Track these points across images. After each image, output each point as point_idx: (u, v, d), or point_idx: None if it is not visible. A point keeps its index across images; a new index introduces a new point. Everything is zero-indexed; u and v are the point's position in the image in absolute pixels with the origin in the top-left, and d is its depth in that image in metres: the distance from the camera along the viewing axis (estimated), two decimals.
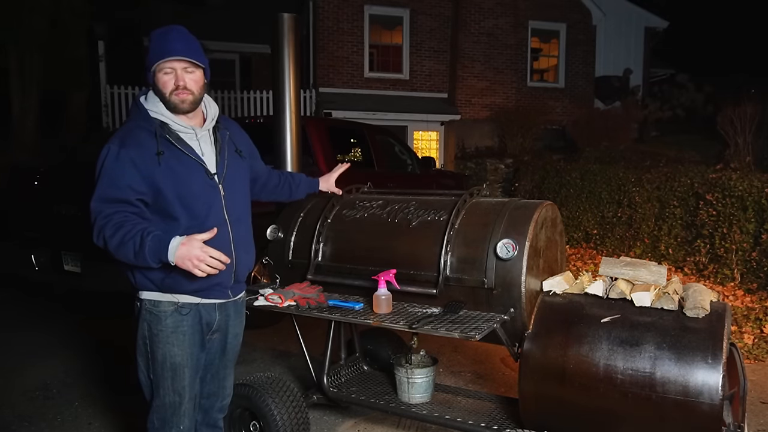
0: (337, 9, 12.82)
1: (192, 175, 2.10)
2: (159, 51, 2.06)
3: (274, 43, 3.70)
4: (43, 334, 4.95)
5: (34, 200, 5.50)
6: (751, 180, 6.17)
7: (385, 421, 3.36)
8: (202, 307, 2.19)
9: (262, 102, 12.68)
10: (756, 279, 5.93)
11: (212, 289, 2.18)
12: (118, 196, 2.00)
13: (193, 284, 2.10)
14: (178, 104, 2.09)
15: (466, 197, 2.76)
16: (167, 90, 2.08)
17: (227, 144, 2.26)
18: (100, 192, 2.02)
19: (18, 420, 3.44)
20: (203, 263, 1.91)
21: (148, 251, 1.91)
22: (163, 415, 2.18)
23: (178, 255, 1.90)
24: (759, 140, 9.79)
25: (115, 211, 1.99)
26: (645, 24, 15.62)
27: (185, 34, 2.12)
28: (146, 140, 2.06)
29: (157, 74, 2.08)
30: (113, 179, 2.01)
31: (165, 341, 2.13)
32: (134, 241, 1.92)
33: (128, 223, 1.97)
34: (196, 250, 1.90)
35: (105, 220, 1.98)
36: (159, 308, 2.13)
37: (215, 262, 1.93)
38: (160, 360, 2.14)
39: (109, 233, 1.96)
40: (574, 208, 8.44)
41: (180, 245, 1.91)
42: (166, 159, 2.05)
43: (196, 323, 2.19)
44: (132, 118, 2.15)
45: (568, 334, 2.42)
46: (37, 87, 10.62)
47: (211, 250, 1.93)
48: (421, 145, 13.07)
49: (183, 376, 2.17)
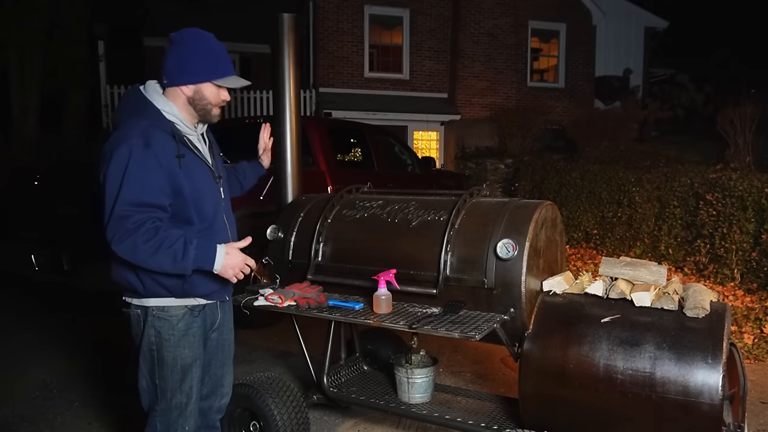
0: (337, 9, 12.81)
1: (203, 177, 2.12)
2: (223, 65, 2.10)
3: (274, 43, 3.70)
4: (43, 334, 4.96)
5: (34, 200, 5.51)
6: (751, 180, 6.17)
7: (385, 421, 3.36)
8: (207, 307, 2.22)
9: (262, 102, 12.68)
10: (756, 279, 5.93)
11: (218, 291, 2.21)
12: (148, 200, 1.92)
13: (208, 287, 2.14)
14: (215, 118, 2.15)
15: (466, 197, 2.76)
16: (215, 102, 2.11)
17: (215, 146, 2.30)
18: (129, 195, 1.90)
19: (18, 420, 3.44)
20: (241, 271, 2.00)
21: (194, 260, 1.92)
22: (169, 417, 2.17)
23: (225, 264, 1.97)
24: (759, 140, 9.78)
25: (147, 218, 1.91)
26: (645, 24, 15.62)
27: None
28: (166, 141, 2.01)
29: (209, 84, 2.08)
30: (144, 181, 1.91)
31: (176, 344, 2.12)
32: (174, 249, 1.89)
33: (162, 230, 1.92)
34: (238, 259, 1.99)
35: (135, 226, 1.89)
36: (170, 313, 2.11)
37: (247, 270, 2.02)
38: (170, 364, 2.13)
39: (142, 240, 1.87)
40: (574, 208, 8.44)
41: (225, 255, 1.97)
42: (185, 162, 2.04)
43: (202, 323, 2.21)
44: (143, 116, 2.02)
45: (568, 334, 2.42)
46: (38, 87, 10.62)
47: (249, 259, 2.02)
48: (421, 145, 13.07)
49: (192, 376, 2.18)
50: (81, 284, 5.18)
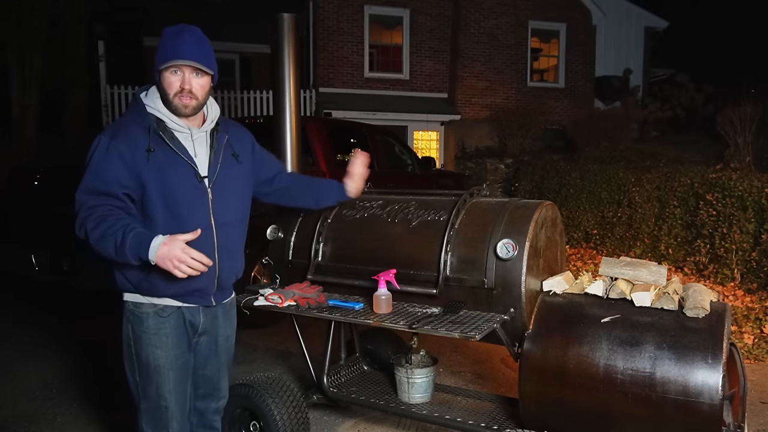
0: (337, 9, 12.82)
1: (179, 175, 2.06)
2: (170, 50, 2.02)
3: (274, 43, 3.70)
4: (43, 334, 4.95)
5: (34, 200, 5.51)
6: (751, 180, 6.17)
7: (385, 421, 3.36)
8: (186, 309, 2.16)
9: (262, 102, 12.68)
10: (756, 279, 5.93)
11: (191, 295, 2.14)
12: (103, 189, 1.97)
13: (169, 288, 2.06)
14: (180, 108, 2.06)
15: (466, 197, 2.76)
16: (172, 91, 2.04)
17: (224, 147, 2.20)
18: (86, 183, 1.98)
19: (18, 420, 3.44)
20: (184, 264, 1.86)
21: (129, 248, 1.87)
22: (151, 418, 2.16)
23: (159, 254, 1.86)
24: (759, 140, 9.80)
25: (99, 204, 1.95)
26: (645, 24, 15.62)
27: (199, 36, 2.07)
28: (138, 135, 2.02)
29: (164, 73, 2.04)
30: (100, 171, 1.98)
31: (148, 343, 2.10)
32: (116, 236, 1.88)
33: (111, 217, 1.92)
34: (177, 251, 1.86)
35: (88, 212, 1.94)
36: (140, 309, 2.11)
37: (196, 264, 1.88)
38: (144, 362, 2.12)
39: (90, 225, 1.92)
40: (574, 208, 8.44)
41: (162, 244, 1.87)
42: (155, 156, 2.02)
43: (180, 325, 2.15)
44: (128, 113, 2.12)
45: (568, 334, 2.42)
46: (37, 87, 10.61)
47: (193, 252, 1.88)
48: (421, 145, 13.07)
49: (168, 378, 2.13)
50: (81, 284, 5.18)
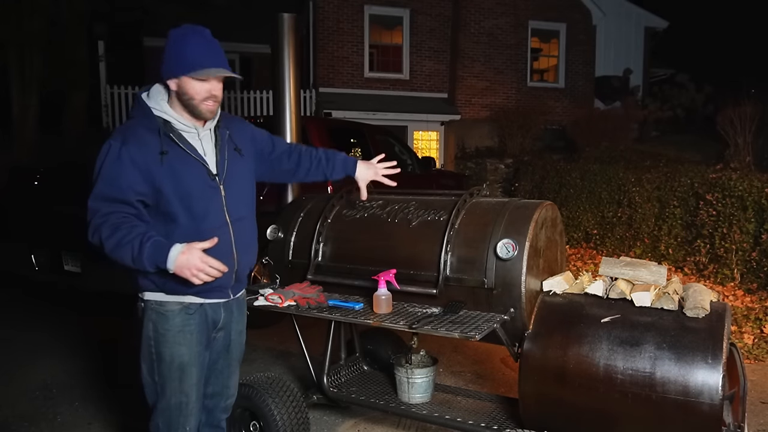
0: (337, 9, 12.81)
1: (193, 174, 2.08)
2: (196, 57, 2.01)
3: (274, 43, 3.71)
4: (43, 334, 4.95)
5: (34, 200, 5.51)
6: (751, 180, 6.17)
7: (385, 421, 3.36)
8: (208, 306, 2.18)
9: (262, 102, 12.68)
10: (756, 279, 5.93)
11: (213, 291, 2.17)
12: (116, 196, 1.97)
13: (193, 286, 2.06)
14: (206, 113, 2.08)
15: (466, 197, 2.76)
16: (199, 97, 2.05)
17: (227, 143, 2.23)
18: (99, 190, 1.98)
19: (18, 420, 3.43)
20: (202, 272, 1.89)
21: (147, 257, 1.89)
22: (169, 416, 2.16)
23: (178, 263, 1.89)
24: (759, 140, 9.79)
25: (113, 211, 1.95)
26: (645, 24, 15.61)
27: (214, 39, 2.08)
28: (149, 138, 2.03)
29: (186, 78, 2.03)
30: (113, 178, 1.97)
31: (173, 341, 2.11)
32: (132, 245, 1.89)
33: (126, 225, 1.93)
34: (196, 260, 1.88)
35: (102, 219, 1.94)
36: (166, 308, 2.11)
37: (214, 272, 1.92)
38: (167, 360, 2.12)
39: (106, 233, 1.92)
40: (574, 208, 8.44)
41: (180, 254, 1.89)
42: (168, 158, 2.03)
43: (203, 321, 2.17)
44: (134, 116, 2.11)
45: (568, 334, 2.42)
46: (37, 87, 10.61)
47: (211, 260, 1.91)
48: (421, 145, 13.07)
49: (191, 375, 2.15)
50: (81, 284, 5.18)
